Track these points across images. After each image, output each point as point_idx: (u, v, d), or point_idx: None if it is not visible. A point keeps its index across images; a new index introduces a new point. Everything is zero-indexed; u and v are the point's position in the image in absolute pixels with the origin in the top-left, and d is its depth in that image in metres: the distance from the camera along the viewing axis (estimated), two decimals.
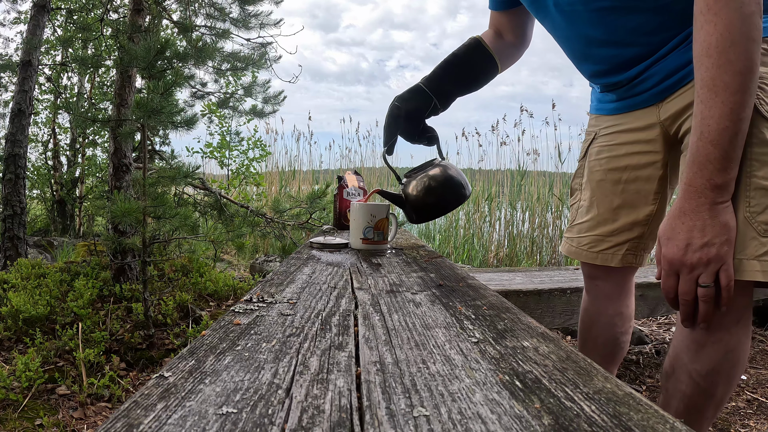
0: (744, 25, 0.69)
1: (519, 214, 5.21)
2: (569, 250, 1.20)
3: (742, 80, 0.70)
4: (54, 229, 5.61)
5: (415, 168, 1.21)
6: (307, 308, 0.61)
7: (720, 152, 0.71)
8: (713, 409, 0.89)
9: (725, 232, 0.74)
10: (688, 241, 0.75)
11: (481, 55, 1.19)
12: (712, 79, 0.71)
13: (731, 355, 0.84)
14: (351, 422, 0.33)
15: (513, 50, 1.25)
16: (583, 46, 1.01)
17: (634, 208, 1.08)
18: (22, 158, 3.24)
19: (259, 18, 3.19)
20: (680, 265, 0.77)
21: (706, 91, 0.71)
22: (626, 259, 1.11)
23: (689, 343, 0.87)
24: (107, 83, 5.57)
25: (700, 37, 0.72)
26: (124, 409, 0.33)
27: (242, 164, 5.80)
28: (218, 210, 2.98)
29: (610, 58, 0.98)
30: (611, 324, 1.21)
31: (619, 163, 1.08)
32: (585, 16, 0.94)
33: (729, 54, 0.69)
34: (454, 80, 1.18)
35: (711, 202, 0.74)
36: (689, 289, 0.78)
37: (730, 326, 0.82)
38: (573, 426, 0.33)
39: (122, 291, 2.38)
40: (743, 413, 1.68)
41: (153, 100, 1.89)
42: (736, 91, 0.70)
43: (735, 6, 0.69)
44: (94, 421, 1.55)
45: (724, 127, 0.71)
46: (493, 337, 0.52)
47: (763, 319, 2.52)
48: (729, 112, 0.70)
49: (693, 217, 0.75)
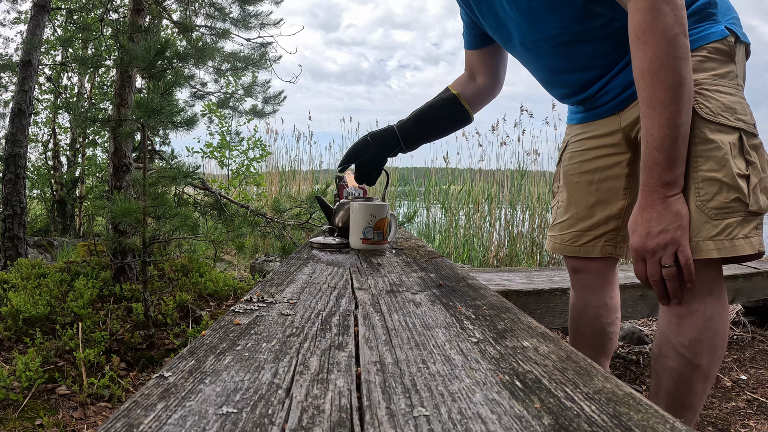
0: (670, 48, 0.81)
1: (519, 214, 5.21)
2: (553, 247, 1.32)
3: (673, 94, 0.82)
4: (54, 229, 5.61)
5: (356, 197, 1.34)
6: (307, 308, 0.61)
7: (664, 155, 0.84)
8: (702, 381, 0.96)
9: (677, 219, 0.87)
10: (647, 230, 0.88)
11: (455, 110, 1.33)
12: (648, 97, 0.83)
13: (710, 323, 0.93)
14: (351, 422, 0.33)
15: (486, 93, 1.36)
16: (550, 75, 1.16)
17: (607, 204, 1.20)
18: (22, 158, 3.24)
19: (259, 18, 3.19)
20: (644, 251, 0.90)
21: (646, 107, 0.84)
22: (606, 249, 1.24)
23: (670, 318, 0.97)
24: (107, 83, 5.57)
25: (635, 63, 0.85)
26: (124, 409, 0.33)
27: (242, 164, 5.80)
28: (218, 210, 2.98)
29: (573, 83, 1.13)
30: (597, 315, 1.30)
31: (590, 165, 1.21)
32: (547, 50, 1.08)
33: (659, 74, 0.82)
34: (425, 132, 1.33)
35: (662, 196, 0.87)
36: (655, 270, 0.90)
37: (705, 297, 0.93)
38: (573, 426, 0.33)
39: (122, 291, 2.38)
40: (743, 413, 1.68)
41: (153, 100, 1.89)
42: (670, 104, 0.82)
43: (660, 33, 0.81)
44: (95, 421, 1.55)
45: (664, 134, 0.83)
46: (493, 337, 0.52)
47: (764, 319, 2.52)
48: (666, 122, 0.83)
49: (650, 210, 0.88)
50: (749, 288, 2.19)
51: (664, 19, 0.80)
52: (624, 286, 1.99)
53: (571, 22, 1.00)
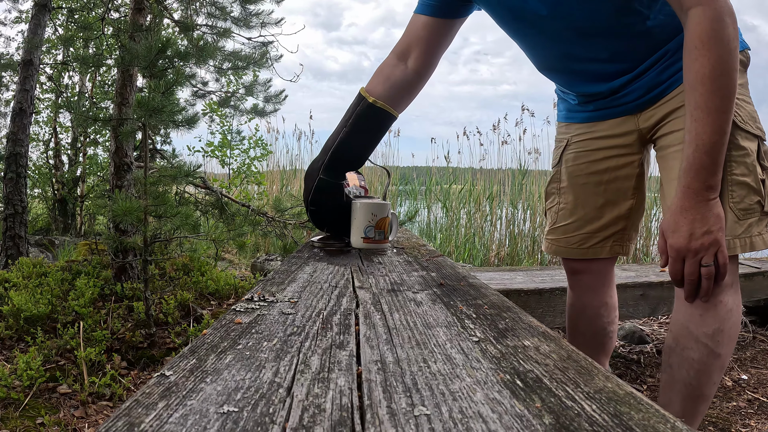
0: (731, 58, 0.84)
1: (520, 213, 5.20)
2: (557, 250, 1.30)
3: (727, 103, 0.85)
4: (55, 228, 5.61)
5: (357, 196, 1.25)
6: (309, 307, 0.61)
7: (711, 160, 0.87)
8: (718, 371, 1.00)
9: (719, 221, 0.90)
10: (691, 231, 0.90)
11: (378, 122, 1.18)
12: (705, 102, 0.85)
13: (730, 314, 0.98)
14: (352, 421, 0.33)
15: (412, 84, 1.21)
16: (565, 61, 1.11)
17: (616, 205, 1.21)
18: (23, 157, 3.24)
19: (261, 17, 3.18)
20: (686, 251, 0.92)
21: (700, 112, 0.85)
22: (614, 249, 1.24)
23: (693, 311, 0.99)
24: (108, 82, 5.57)
25: (695, 67, 0.86)
26: (126, 407, 0.33)
27: (243, 163, 5.79)
28: (219, 209, 2.98)
29: (591, 72, 1.10)
30: (598, 315, 1.30)
31: (599, 166, 1.20)
32: (568, 37, 1.05)
33: (719, 82, 0.84)
34: (352, 165, 1.21)
35: (706, 199, 0.89)
36: (694, 270, 0.92)
37: (728, 290, 0.98)
38: (574, 425, 0.33)
39: (123, 290, 2.38)
40: (744, 413, 1.68)
41: (154, 99, 1.89)
42: (724, 112, 0.85)
43: (724, 42, 0.83)
44: (96, 420, 1.55)
45: (715, 140, 0.86)
46: (494, 337, 0.52)
47: (764, 318, 2.51)
48: (718, 128, 0.85)
49: (693, 212, 0.90)
50: (750, 287, 2.19)
51: (727, 30, 0.84)
52: (624, 286, 1.99)
53: (605, 14, 0.98)
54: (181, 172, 2.23)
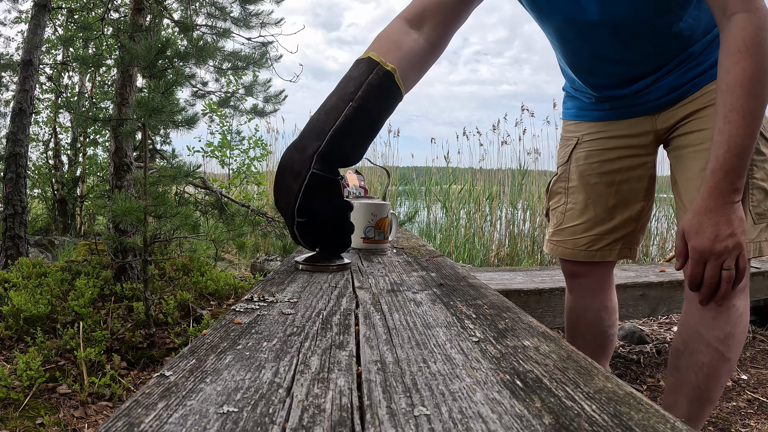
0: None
1: (520, 213, 5.20)
2: (563, 252, 1.25)
3: (762, 108, 0.86)
4: (55, 228, 5.61)
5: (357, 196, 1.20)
6: (308, 307, 0.61)
7: (741, 163, 0.86)
8: (726, 374, 1.00)
9: (742, 225, 0.89)
10: (716, 233, 0.89)
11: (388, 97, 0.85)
12: (741, 106, 0.85)
13: (741, 318, 0.99)
14: (352, 421, 0.33)
15: (425, 56, 0.94)
16: (591, 61, 1.09)
17: (627, 206, 1.19)
18: (23, 157, 3.24)
19: (260, 17, 3.18)
20: (710, 254, 0.90)
21: (735, 114, 0.85)
22: (622, 253, 1.22)
23: (705, 314, 0.99)
24: (108, 82, 5.57)
25: (735, 70, 0.85)
26: (125, 408, 0.33)
27: (243, 163, 5.80)
28: (219, 209, 2.98)
29: (616, 74, 1.08)
30: (598, 318, 1.28)
31: (612, 166, 1.18)
32: (599, 36, 1.01)
33: (757, 87, 0.84)
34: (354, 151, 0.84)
35: (731, 201, 0.88)
36: (715, 273, 0.91)
37: (740, 294, 0.99)
38: (574, 425, 0.33)
39: (123, 290, 2.38)
40: (744, 413, 1.68)
41: (154, 100, 1.89)
42: (758, 117, 0.85)
43: (766, 50, 0.84)
44: (95, 420, 1.55)
45: (747, 143, 0.85)
46: (494, 337, 0.52)
47: (764, 318, 2.51)
48: (751, 132, 0.85)
49: (718, 213, 0.88)
50: (750, 288, 2.19)
51: None
52: (624, 286, 1.99)
53: (645, 15, 0.97)
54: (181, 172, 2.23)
